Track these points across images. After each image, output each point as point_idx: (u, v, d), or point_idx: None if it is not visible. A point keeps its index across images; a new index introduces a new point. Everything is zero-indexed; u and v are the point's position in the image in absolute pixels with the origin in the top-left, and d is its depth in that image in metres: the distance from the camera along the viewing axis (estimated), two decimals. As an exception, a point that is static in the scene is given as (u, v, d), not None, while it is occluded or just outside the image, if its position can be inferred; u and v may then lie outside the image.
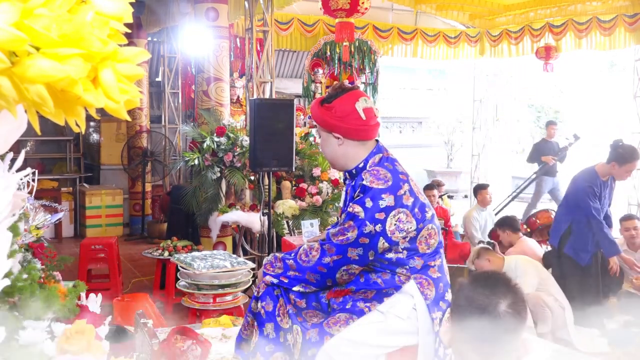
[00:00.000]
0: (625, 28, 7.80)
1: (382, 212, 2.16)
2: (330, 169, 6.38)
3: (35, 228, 2.07)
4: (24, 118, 0.96)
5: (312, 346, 2.23)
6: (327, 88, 9.04)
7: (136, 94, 0.86)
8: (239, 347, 2.47)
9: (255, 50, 6.21)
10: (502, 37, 9.53)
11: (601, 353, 4.28)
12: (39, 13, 0.74)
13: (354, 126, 2.30)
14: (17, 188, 1.29)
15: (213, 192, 5.94)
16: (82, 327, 1.32)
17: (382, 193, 2.17)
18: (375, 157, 2.32)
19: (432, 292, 2.23)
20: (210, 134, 5.96)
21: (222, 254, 4.78)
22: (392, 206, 2.17)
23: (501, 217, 6.24)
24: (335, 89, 2.37)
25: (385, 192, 2.18)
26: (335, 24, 6.91)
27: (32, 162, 8.52)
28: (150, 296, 4.52)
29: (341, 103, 2.30)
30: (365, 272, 2.28)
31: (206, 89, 6.33)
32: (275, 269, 2.34)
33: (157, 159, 9.05)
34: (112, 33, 0.82)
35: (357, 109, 2.29)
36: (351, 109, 2.29)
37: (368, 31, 9.30)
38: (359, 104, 2.30)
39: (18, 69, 0.74)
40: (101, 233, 8.54)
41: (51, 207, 2.64)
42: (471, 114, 11.14)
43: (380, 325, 2.22)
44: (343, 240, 2.19)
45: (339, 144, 2.34)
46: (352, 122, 2.29)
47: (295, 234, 5.63)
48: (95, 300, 1.64)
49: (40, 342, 1.27)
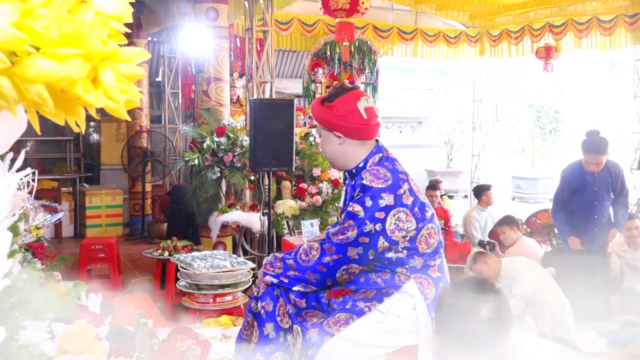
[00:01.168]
0: (625, 28, 7.80)
1: (381, 211, 2.16)
2: (330, 169, 6.38)
3: (35, 228, 2.07)
4: (24, 118, 0.96)
5: (312, 346, 2.23)
6: (327, 88, 9.04)
7: (136, 94, 0.86)
8: (239, 347, 2.47)
9: (255, 50, 6.21)
10: (502, 37, 9.53)
11: (601, 353, 4.28)
12: (39, 13, 0.74)
13: (355, 125, 2.30)
14: (17, 188, 1.29)
15: (213, 192, 5.94)
16: (82, 327, 1.32)
17: (381, 192, 2.17)
18: (375, 157, 2.32)
19: (432, 292, 2.23)
20: (210, 134, 5.96)
21: (222, 254, 4.78)
22: (392, 205, 2.17)
23: (502, 216, 6.24)
24: (337, 89, 2.36)
25: (385, 191, 2.18)
26: (335, 24, 6.92)
27: (32, 162, 8.52)
28: (150, 296, 4.52)
29: (342, 102, 2.30)
30: (365, 271, 2.28)
31: (206, 89, 6.33)
32: (275, 269, 2.34)
33: (157, 159, 9.05)
34: (112, 33, 0.82)
35: (359, 108, 2.29)
36: (353, 108, 2.29)
37: (368, 31, 9.30)
38: (360, 104, 2.30)
39: (18, 69, 0.74)
40: (101, 233, 8.54)
41: (51, 207, 2.64)
42: (471, 114, 11.14)
43: (380, 325, 2.22)
44: (343, 239, 2.19)
45: (339, 143, 2.34)
46: (354, 121, 2.29)
47: (295, 234, 5.63)
48: (95, 300, 1.63)
49: (40, 342, 1.27)
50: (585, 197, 4.90)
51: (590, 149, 4.77)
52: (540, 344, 3.45)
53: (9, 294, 1.24)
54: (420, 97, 16.36)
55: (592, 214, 4.90)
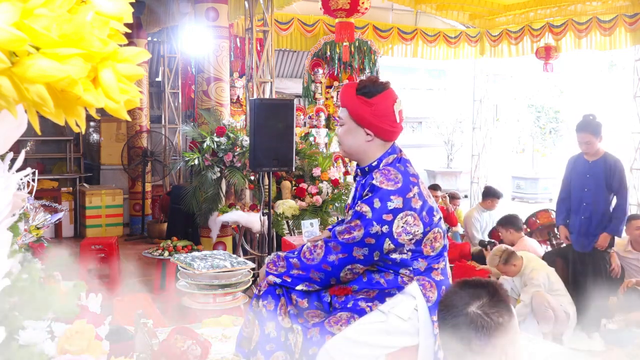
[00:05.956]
0: (625, 28, 7.80)
1: (389, 214, 2.15)
2: (330, 168, 6.38)
3: (35, 228, 2.07)
4: (24, 118, 0.96)
5: (313, 345, 2.23)
6: (327, 88, 9.04)
7: (136, 94, 0.86)
8: (240, 345, 2.47)
9: (255, 50, 6.21)
10: (502, 37, 9.53)
11: (599, 352, 4.28)
12: (39, 13, 0.74)
13: (388, 127, 2.26)
14: (17, 188, 1.29)
15: (213, 192, 5.94)
16: (82, 327, 1.32)
17: (390, 195, 2.16)
18: (389, 158, 2.30)
19: (434, 295, 2.22)
20: (210, 134, 5.96)
21: (222, 254, 4.78)
22: (400, 208, 2.16)
23: (503, 216, 6.22)
24: (375, 84, 2.27)
25: (395, 193, 2.16)
26: (335, 24, 6.91)
27: (32, 162, 8.53)
28: (150, 296, 4.52)
29: (382, 101, 2.24)
30: (368, 271, 2.27)
31: (206, 89, 6.33)
32: (278, 268, 2.33)
33: (157, 159, 9.05)
34: (112, 33, 0.82)
35: (395, 110, 2.26)
36: (390, 110, 2.25)
37: (368, 31, 9.30)
38: (397, 106, 2.26)
39: (18, 69, 0.73)
40: (101, 233, 8.54)
41: (51, 207, 2.63)
42: (471, 114, 11.14)
43: (382, 326, 2.22)
44: (349, 239, 2.18)
45: (367, 140, 2.29)
46: (387, 123, 2.26)
47: (295, 234, 5.63)
48: (95, 300, 1.63)
49: (40, 342, 1.27)
50: (578, 182, 4.93)
51: (578, 128, 4.85)
52: (540, 344, 3.45)
53: (9, 294, 1.24)
54: (420, 97, 16.34)
55: (582, 201, 4.90)
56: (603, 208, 4.85)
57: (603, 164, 4.81)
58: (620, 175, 4.82)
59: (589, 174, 4.86)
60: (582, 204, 4.90)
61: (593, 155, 4.84)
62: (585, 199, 4.87)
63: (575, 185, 4.96)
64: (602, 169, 4.80)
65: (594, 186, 4.84)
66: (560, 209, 5.15)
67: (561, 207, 5.13)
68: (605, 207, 4.85)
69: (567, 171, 5.10)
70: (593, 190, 4.84)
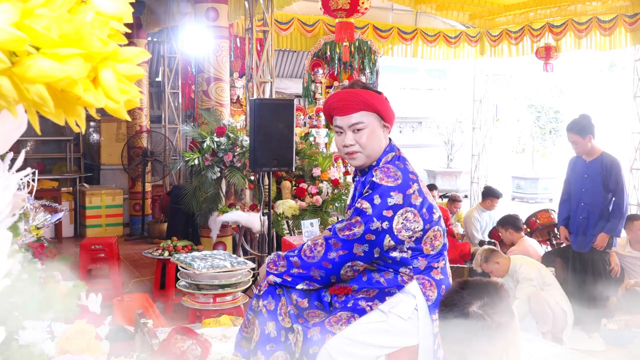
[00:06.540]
0: (625, 28, 7.80)
1: (389, 210, 2.16)
2: (330, 168, 6.38)
3: (35, 228, 2.07)
4: (24, 118, 0.96)
5: (313, 345, 2.23)
6: (327, 88, 9.04)
7: (136, 94, 0.85)
8: (239, 344, 2.47)
9: (255, 50, 6.21)
10: (502, 37, 9.53)
11: (599, 352, 4.28)
12: (39, 13, 0.74)
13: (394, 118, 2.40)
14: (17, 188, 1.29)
15: (213, 192, 5.94)
16: (82, 327, 1.32)
17: (391, 191, 2.17)
18: (388, 155, 2.31)
19: (434, 294, 2.23)
20: (210, 134, 5.96)
21: (222, 254, 4.78)
22: (401, 204, 2.17)
23: (503, 216, 6.21)
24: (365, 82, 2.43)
25: (394, 190, 2.17)
26: (335, 24, 6.91)
27: (32, 162, 8.53)
28: (150, 296, 4.52)
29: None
30: (368, 270, 2.28)
31: (206, 89, 6.33)
32: (279, 268, 2.33)
33: (157, 159, 9.05)
34: (112, 33, 0.82)
35: None
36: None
37: (368, 31, 9.30)
38: None
39: (18, 69, 0.73)
40: (101, 233, 8.54)
41: (51, 207, 2.64)
42: (471, 114, 11.15)
43: (382, 325, 2.22)
44: (349, 235, 2.19)
45: (385, 136, 2.35)
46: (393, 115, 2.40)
47: (295, 234, 5.63)
48: (95, 300, 1.63)
49: (40, 342, 1.27)
50: (577, 183, 4.94)
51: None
52: (540, 344, 3.45)
53: (9, 294, 1.24)
54: (420, 97, 16.36)
55: (580, 201, 4.91)
56: (601, 208, 4.84)
57: (600, 164, 4.81)
58: (616, 176, 4.80)
59: (586, 174, 4.86)
60: (580, 204, 4.91)
61: (590, 155, 4.85)
62: (583, 199, 4.88)
63: (574, 185, 4.96)
64: (599, 169, 4.81)
65: (591, 186, 4.84)
66: (561, 210, 5.15)
67: (562, 209, 5.13)
68: (603, 207, 4.84)
69: (568, 172, 5.11)
70: (590, 190, 4.84)
